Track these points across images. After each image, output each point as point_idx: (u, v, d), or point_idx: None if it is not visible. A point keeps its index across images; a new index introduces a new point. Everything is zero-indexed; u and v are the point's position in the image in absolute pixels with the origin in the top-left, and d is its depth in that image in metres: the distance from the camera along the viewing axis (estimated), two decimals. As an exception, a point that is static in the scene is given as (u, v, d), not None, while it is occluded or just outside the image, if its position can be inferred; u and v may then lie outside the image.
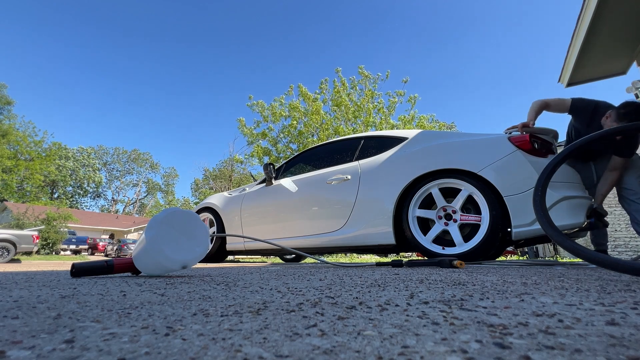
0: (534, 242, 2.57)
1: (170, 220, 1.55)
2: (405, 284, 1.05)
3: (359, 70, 15.49)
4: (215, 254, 3.70)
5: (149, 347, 0.41)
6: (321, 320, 0.55)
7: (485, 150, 2.33)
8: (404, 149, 2.69)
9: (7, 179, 30.26)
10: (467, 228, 2.35)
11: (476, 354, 0.37)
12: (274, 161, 14.73)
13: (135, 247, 1.61)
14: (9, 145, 31.36)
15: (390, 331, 0.48)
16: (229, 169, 29.62)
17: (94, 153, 49.44)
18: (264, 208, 3.43)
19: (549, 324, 0.51)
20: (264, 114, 15.74)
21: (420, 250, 2.39)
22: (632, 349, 0.39)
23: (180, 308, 0.69)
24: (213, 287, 1.07)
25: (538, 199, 1.43)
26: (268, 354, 0.38)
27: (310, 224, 3.01)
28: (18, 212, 17.38)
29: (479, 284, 1.01)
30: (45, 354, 0.39)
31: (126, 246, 20.87)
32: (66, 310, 0.67)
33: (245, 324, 0.54)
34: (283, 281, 1.22)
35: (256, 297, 0.82)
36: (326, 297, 0.82)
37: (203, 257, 1.64)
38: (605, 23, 3.68)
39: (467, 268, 1.75)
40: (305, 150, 3.64)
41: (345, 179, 2.86)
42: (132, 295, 0.90)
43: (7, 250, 9.89)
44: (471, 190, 2.29)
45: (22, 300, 0.82)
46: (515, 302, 0.70)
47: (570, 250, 1.20)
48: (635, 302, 0.68)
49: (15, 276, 1.66)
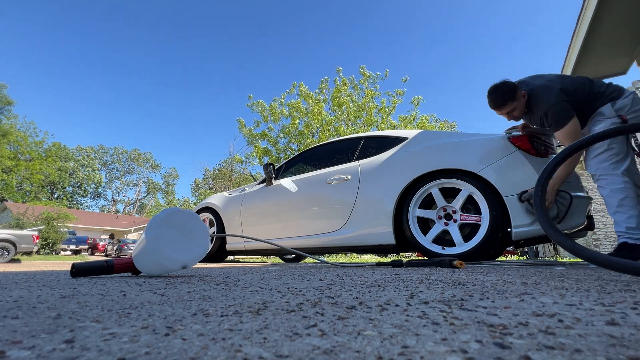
0: (534, 242, 2.57)
1: (171, 220, 1.55)
2: (405, 284, 1.05)
3: (360, 70, 15.50)
4: (215, 254, 3.71)
5: (149, 347, 0.41)
6: (321, 320, 0.55)
7: (485, 150, 2.33)
8: (404, 149, 2.69)
9: (7, 179, 30.29)
10: (467, 228, 2.35)
11: (476, 354, 0.37)
12: (274, 161, 14.73)
13: (135, 247, 1.61)
14: (10, 145, 31.40)
15: (390, 331, 0.48)
16: (229, 169, 29.63)
17: (93, 153, 49.46)
18: (264, 208, 3.43)
19: (549, 324, 0.51)
20: (264, 113, 15.74)
21: (420, 250, 2.39)
22: (632, 349, 0.39)
23: (180, 308, 0.69)
24: (213, 287, 1.07)
25: (538, 199, 1.43)
26: (268, 354, 0.38)
27: (310, 224, 3.01)
28: (18, 212, 17.39)
29: (479, 284, 1.01)
30: (45, 354, 0.39)
31: (126, 246, 20.87)
32: (66, 310, 0.67)
33: (245, 324, 0.54)
34: (283, 281, 1.22)
35: (256, 297, 0.82)
36: (326, 297, 0.82)
37: (203, 257, 1.64)
38: (605, 23, 3.68)
39: (467, 268, 1.76)
40: (305, 150, 3.64)
41: (345, 179, 2.86)
42: (132, 295, 0.90)
43: (7, 250, 9.90)
44: (471, 190, 2.29)
45: (22, 300, 0.82)
46: (515, 302, 0.70)
47: (570, 250, 1.20)
48: (635, 302, 0.68)
49: (15, 276, 1.66)
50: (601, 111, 1.91)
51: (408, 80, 15.72)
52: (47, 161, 37.45)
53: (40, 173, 34.93)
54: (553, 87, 1.96)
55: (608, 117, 1.88)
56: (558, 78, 2.02)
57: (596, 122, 1.94)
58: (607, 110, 1.89)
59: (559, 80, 1.99)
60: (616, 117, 1.86)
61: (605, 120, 1.90)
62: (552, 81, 2.00)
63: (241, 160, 17.60)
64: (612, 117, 1.88)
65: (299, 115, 15.02)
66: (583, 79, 2.00)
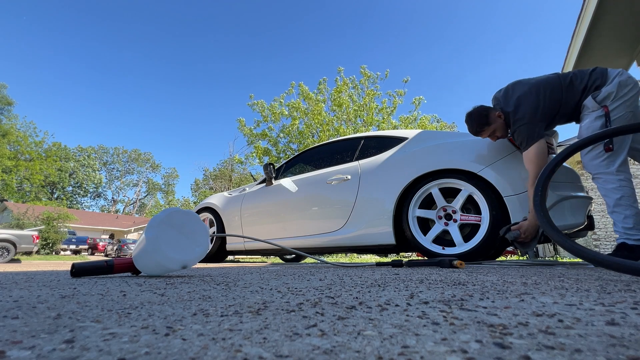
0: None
1: (170, 220, 1.55)
2: (405, 284, 1.05)
3: (361, 70, 15.49)
4: (215, 254, 3.71)
5: (149, 347, 0.41)
6: (321, 320, 0.55)
7: (485, 150, 2.33)
8: (404, 149, 2.69)
9: (7, 179, 30.29)
10: (467, 228, 2.35)
11: (476, 354, 0.37)
12: (274, 161, 14.72)
13: (135, 247, 1.61)
14: (10, 145, 31.41)
15: (390, 331, 0.48)
16: (229, 169, 29.61)
17: (94, 153, 49.46)
18: (264, 208, 3.43)
19: (549, 324, 0.51)
20: (264, 113, 15.73)
21: (420, 250, 2.39)
22: (632, 349, 0.39)
23: (180, 308, 0.69)
24: (213, 287, 1.07)
25: (538, 199, 1.43)
26: (268, 354, 0.38)
27: (310, 224, 3.01)
28: (18, 212, 17.39)
29: (479, 284, 1.01)
30: (45, 354, 0.39)
31: (126, 246, 20.87)
32: (66, 310, 0.67)
33: (245, 324, 0.54)
34: (283, 281, 1.22)
35: (256, 297, 0.82)
36: (326, 297, 0.82)
37: (203, 257, 1.64)
38: (605, 23, 3.68)
39: (467, 268, 1.75)
40: (305, 150, 3.64)
41: (345, 179, 2.86)
42: (132, 295, 0.90)
43: (7, 250, 9.90)
44: (471, 190, 2.29)
45: (22, 300, 0.82)
46: (515, 302, 0.70)
47: (570, 250, 1.20)
48: (635, 302, 0.68)
49: (15, 276, 1.66)
50: (585, 104, 1.84)
51: (410, 81, 15.73)
52: (47, 161, 37.46)
53: (40, 173, 34.93)
54: (523, 104, 1.91)
55: (592, 111, 1.80)
56: (528, 91, 1.93)
57: (583, 116, 1.86)
58: (589, 102, 1.81)
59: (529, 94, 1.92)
60: (600, 108, 1.77)
61: (589, 115, 1.81)
62: (521, 98, 1.93)
63: (241, 160, 17.60)
64: (595, 110, 1.79)
65: (299, 115, 15.01)
66: (557, 81, 1.91)
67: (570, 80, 1.89)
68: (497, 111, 2.05)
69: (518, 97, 1.95)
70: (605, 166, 1.77)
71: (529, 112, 1.90)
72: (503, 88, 2.12)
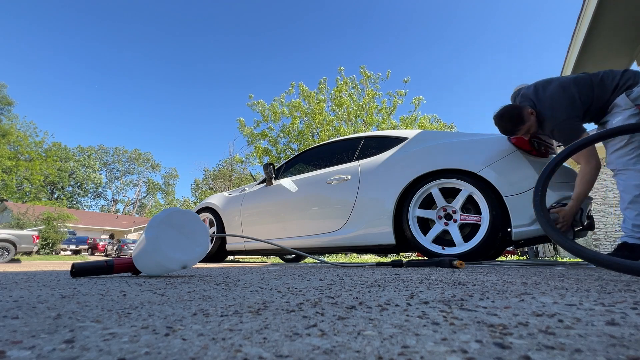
0: (534, 242, 2.56)
1: (170, 220, 1.55)
2: (405, 284, 1.05)
3: (361, 70, 15.50)
4: (215, 254, 3.71)
5: (149, 347, 0.41)
6: (321, 320, 0.55)
7: (485, 150, 2.33)
8: (404, 149, 2.69)
9: (7, 179, 30.30)
10: (467, 228, 2.35)
11: (476, 354, 0.37)
12: (274, 161, 14.72)
13: (135, 247, 1.61)
14: (10, 145, 31.42)
15: (390, 331, 0.48)
16: (229, 169, 29.61)
17: (94, 153, 49.47)
18: (264, 208, 3.43)
19: (549, 324, 0.51)
20: (264, 113, 15.73)
21: (420, 250, 2.39)
22: (632, 349, 0.39)
23: (180, 308, 0.69)
24: (213, 287, 1.07)
25: (538, 199, 1.43)
26: (268, 354, 0.38)
27: (310, 224, 3.01)
28: (18, 212, 17.39)
29: (479, 284, 1.01)
30: (45, 354, 0.39)
31: (126, 246, 20.86)
32: (66, 310, 0.67)
33: (245, 324, 0.54)
34: (283, 281, 1.22)
35: (256, 297, 0.82)
36: (326, 297, 0.82)
37: (203, 257, 1.64)
38: (605, 23, 3.68)
39: (467, 268, 1.75)
40: (305, 150, 3.64)
41: (345, 179, 2.86)
42: (132, 295, 0.90)
43: (7, 250, 9.90)
44: (471, 190, 2.29)
45: (22, 300, 0.82)
46: (515, 302, 0.70)
47: (570, 250, 1.20)
48: (635, 302, 0.68)
49: (15, 276, 1.66)
50: (617, 102, 1.82)
51: (409, 81, 15.74)
52: (47, 161, 37.47)
53: (40, 173, 34.93)
54: (558, 102, 1.89)
55: (625, 109, 1.78)
56: (561, 88, 1.92)
57: (614, 114, 1.83)
58: (622, 101, 1.79)
59: (563, 90, 1.90)
60: (633, 107, 1.76)
61: (623, 112, 1.79)
62: (555, 95, 1.91)
63: (241, 160, 17.60)
64: (629, 108, 1.77)
65: (299, 115, 15.02)
66: (588, 78, 1.91)
67: (601, 78, 1.89)
68: (529, 109, 2.00)
69: (552, 95, 1.92)
70: (633, 163, 1.78)
71: (567, 108, 1.87)
72: (530, 85, 2.08)
